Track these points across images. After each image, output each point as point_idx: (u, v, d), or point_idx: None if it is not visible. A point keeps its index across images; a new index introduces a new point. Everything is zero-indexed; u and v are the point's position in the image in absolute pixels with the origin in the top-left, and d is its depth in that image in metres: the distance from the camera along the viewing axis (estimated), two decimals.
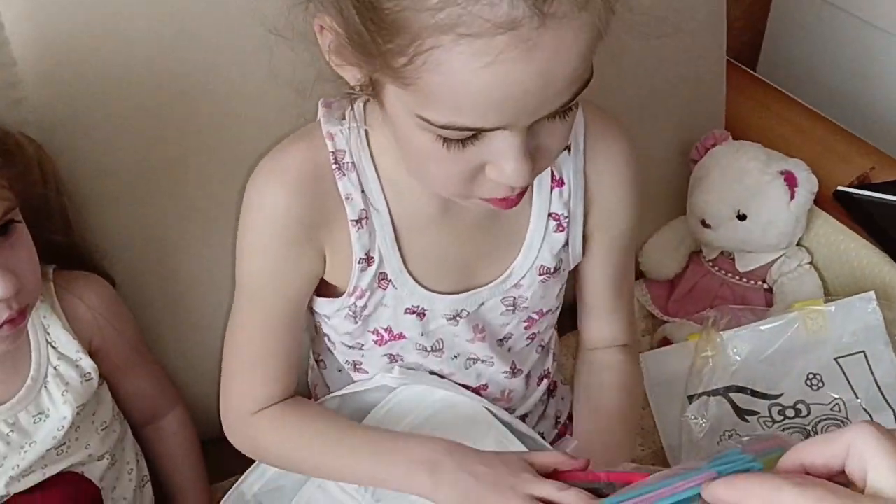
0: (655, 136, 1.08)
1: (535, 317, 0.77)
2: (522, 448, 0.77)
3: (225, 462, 0.85)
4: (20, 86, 0.77)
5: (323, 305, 0.73)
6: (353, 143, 0.67)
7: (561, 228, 0.73)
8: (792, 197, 1.01)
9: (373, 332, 0.74)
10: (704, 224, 1.05)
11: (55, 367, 0.73)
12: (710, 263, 1.09)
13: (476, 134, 0.53)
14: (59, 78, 0.77)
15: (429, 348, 0.75)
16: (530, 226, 0.72)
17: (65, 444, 0.74)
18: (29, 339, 0.72)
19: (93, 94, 0.78)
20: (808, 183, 1.00)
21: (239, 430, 0.74)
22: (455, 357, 0.76)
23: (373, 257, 0.69)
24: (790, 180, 1.01)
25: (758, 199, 1.01)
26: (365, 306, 0.72)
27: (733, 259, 1.07)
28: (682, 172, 1.11)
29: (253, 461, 0.78)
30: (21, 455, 0.71)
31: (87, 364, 0.74)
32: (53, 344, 0.73)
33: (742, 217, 1.02)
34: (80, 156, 0.79)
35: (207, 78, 0.80)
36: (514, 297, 0.74)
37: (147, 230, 0.83)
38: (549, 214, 0.72)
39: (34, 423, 0.72)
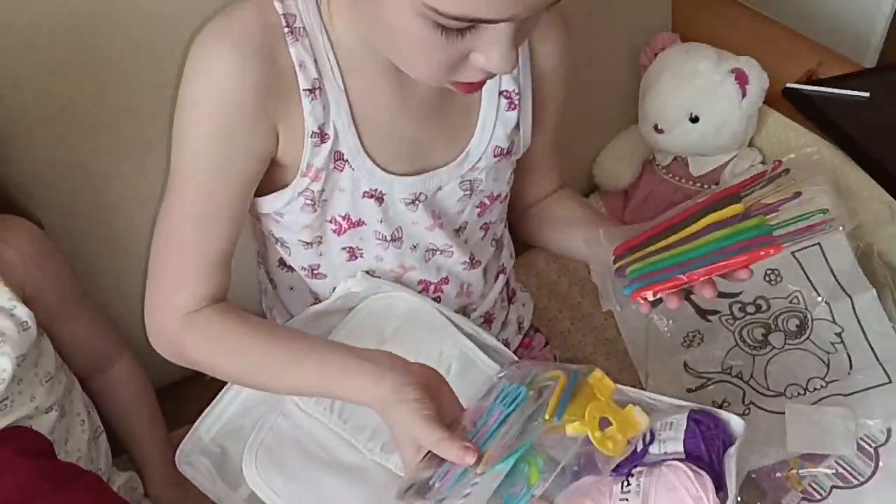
0: (603, 44, 1.05)
1: (487, 202, 0.77)
2: (487, 360, 0.77)
3: (180, 409, 0.83)
4: None
5: (273, 202, 0.69)
6: (303, 9, 0.64)
7: (513, 106, 0.73)
8: (744, 95, 0.99)
9: (331, 222, 0.71)
10: (657, 129, 1.03)
11: None
12: (664, 170, 1.08)
13: (475, 24, 0.54)
14: None
15: (388, 237, 0.73)
16: (482, 106, 0.72)
17: (7, 398, 0.69)
18: None
19: (2, 28, 0.71)
20: (759, 80, 0.99)
21: (164, 335, 0.69)
22: (414, 248, 0.75)
23: (327, 133, 0.66)
24: (741, 78, 0.99)
25: (710, 100, 1.00)
26: (322, 190, 0.68)
27: (687, 164, 1.06)
28: (633, 80, 1.09)
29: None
30: None
31: (23, 312, 0.70)
32: None
33: (695, 119, 1.01)
34: None
35: (130, 7, 0.75)
36: (471, 181, 0.74)
37: (73, 165, 0.77)
38: (500, 93, 0.72)
39: None
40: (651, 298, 0.66)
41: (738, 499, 0.80)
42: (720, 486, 0.66)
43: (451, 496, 0.60)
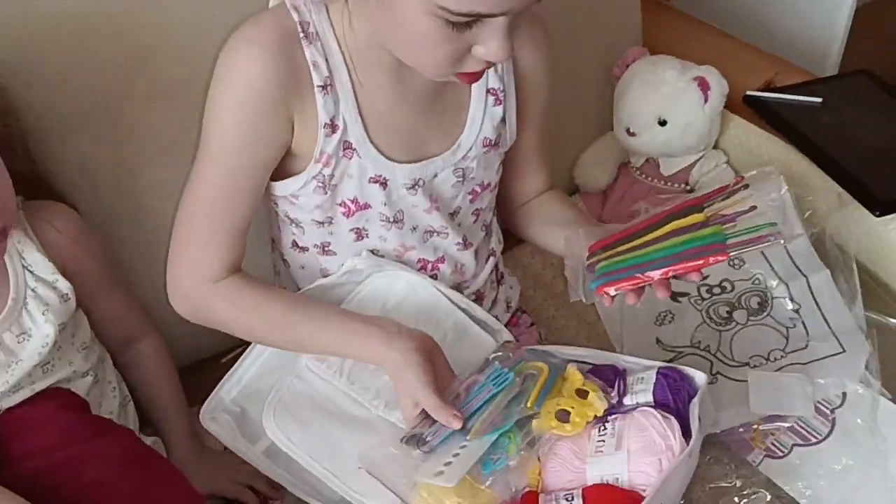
0: (580, 58, 1.16)
1: (478, 189, 0.86)
2: (479, 330, 0.86)
3: (200, 388, 0.90)
4: None
5: (290, 185, 0.79)
6: (315, 17, 0.74)
7: (498, 102, 0.83)
8: (706, 100, 1.10)
9: (341, 205, 0.81)
10: (630, 133, 1.13)
11: (33, 290, 0.77)
12: (638, 171, 1.18)
13: (479, 18, 0.63)
14: (10, 18, 0.80)
15: (391, 219, 0.82)
16: (472, 102, 0.82)
17: (49, 361, 0.77)
18: (5, 265, 0.76)
19: (46, 32, 0.81)
20: (718, 86, 1.10)
21: (190, 300, 0.78)
22: (414, 229, 0.84)
23: (337, 124, 0.76)
24: (703, 85, 1.10)
25: (676, 105, 1.10)
26: (332, 175, 0.78)
27: (658, 165, 1.16)
28: (607, 90, 1.19)
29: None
30: (9, 372, 0.75)
31: (64, 285, 0.78)
32: (30, 268, 0.77)
33: (663, 123, 1.11)
34: (37, 92, 0.82)
35: (157, 13, 0.85)
36: (463, 169, 0.83)
37: (108, 159, 0.87)
38: (488, 90, 0.82)
39: (18, 342, 0.75)
40: (612, 294, 0.74)
41: (707, 459, 0.89)
42: (686, 431, 0.75)
43: (441, 452, 0.71)
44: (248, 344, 0.87)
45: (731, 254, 0.71)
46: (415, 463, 0.70)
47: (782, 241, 0.71)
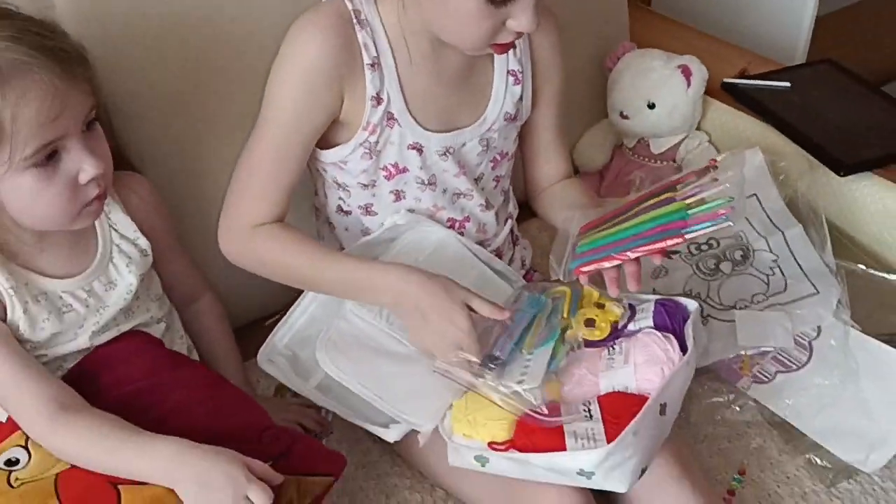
0: (576, 53, 1.29)
1: (499, 157, 1.00)
2: (498, 280, 0.99)
3: (250, 342, 1.02)
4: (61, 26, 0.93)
5: (340, 151, 0.92)
6: (366, 7, 0.88)
7: (517, 81, 0.96)
8: (689, 85, 1.24)
9: (383, 169, 0.94)
10: (623, 116, 1.27)
11: (118, 245, 0.89)
12: (630, 152, 1.32)
13: None
14: (92, 17, 0.93)
15: (426, 182, 0.95)
16: (494, 82, 0.95)
17: (131, 308, 0.89)
18: (95, 224, 0.88)
19: (124, 29, 0.94)
20: (699, 72, 1.24)
21: (238, 241, 0.91)
22: (445, 191, 0.97)
23: (382, 98, 0.89)
24: (686, 72, 1.24)
25: (662, 90, 1.24)
26: (377, 142, 0.91)
27: (648, 145, 1.30)
28: (599, 83, 1.34)
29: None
30: (99, 314, 0.86)
31: (144, 242, 0.90)
32: (115, 227, 0.89)
33: (652, 106, 1.25)
34: (117, 81, 0.94)
35: (223, 16, 0.98)
36: (487, 139, 0.96)
37: (174, 136, 1.00)
38: (508, 71, 0.95)
39: (106, 290, 0.87)
40: (586, 270, 0.86)
41: (703, 386, 1.02)
42: (683, 349, 0.88)
43: (512, 369, 0.84)
44: (289, 306, 0.99)
45: (687, 237, 0.82)
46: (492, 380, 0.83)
47: (732, 224, 0.81)
